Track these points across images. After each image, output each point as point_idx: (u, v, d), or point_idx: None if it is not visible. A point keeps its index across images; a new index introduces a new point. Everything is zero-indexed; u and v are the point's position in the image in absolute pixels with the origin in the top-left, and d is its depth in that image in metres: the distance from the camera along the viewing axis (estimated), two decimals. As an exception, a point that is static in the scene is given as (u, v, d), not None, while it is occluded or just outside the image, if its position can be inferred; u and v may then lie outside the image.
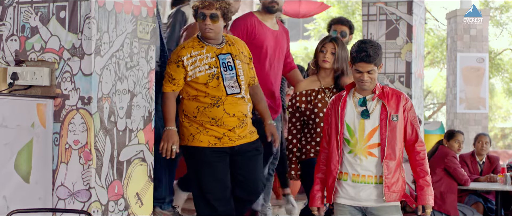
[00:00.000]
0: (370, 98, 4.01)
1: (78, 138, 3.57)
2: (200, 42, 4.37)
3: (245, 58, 4.49)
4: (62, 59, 3.61)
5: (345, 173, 4.02)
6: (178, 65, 4.29)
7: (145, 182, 3.94)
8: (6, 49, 3.73)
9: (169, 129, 4.27)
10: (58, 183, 3.60)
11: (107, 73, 3.65)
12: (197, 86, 4.30)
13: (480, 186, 7.15)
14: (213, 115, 4.26)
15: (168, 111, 4.30)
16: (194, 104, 4.31)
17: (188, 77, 4.29)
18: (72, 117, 3.58)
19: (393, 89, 4.11)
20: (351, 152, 4.00)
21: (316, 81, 4.72)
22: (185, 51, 4.32)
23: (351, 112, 4.02)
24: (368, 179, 3.97)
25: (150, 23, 3.97)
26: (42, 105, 3.56)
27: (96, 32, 3.57)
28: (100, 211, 3.59)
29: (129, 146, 3.81)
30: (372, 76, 3.95)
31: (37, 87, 3.67)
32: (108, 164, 3.65)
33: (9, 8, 3.73)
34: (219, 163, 4.31)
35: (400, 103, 4.01)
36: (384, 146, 3.94)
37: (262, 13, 5.18)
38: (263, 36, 5.04)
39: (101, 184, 3.60)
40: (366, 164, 3.97)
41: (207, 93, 4.29)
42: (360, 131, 3.98)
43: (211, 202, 4.28)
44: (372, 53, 3.89)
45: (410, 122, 4.04)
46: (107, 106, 3.65)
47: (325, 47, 4.70)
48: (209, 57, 4.32)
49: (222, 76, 4.30)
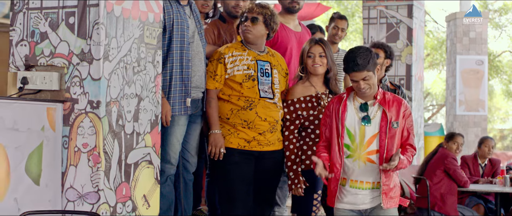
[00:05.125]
0: (371, 104, 3.98)
1: (87, 141, 3.64)
2: (242, 46, 4.54)
3: (282, 71, 4.64)
4: (71, 64, 3.68)
5: (343, 178, 3.99)
6: (220, 62, 4.47)
7: (152, 184, 4.01)
8: (16, 54, 3.81)
9: (214, 133, 4.43)
10: (67, 185, 3.68)
11: (115, 77, 3.72)
12: (233, 85, 4.45)
13: (480, 187, 7.23)
14: (245, 117, 4.40)
15: (213, 113, 4.45)
16: (228, 106, 4.46)
17: (226, 74, 4.45)
18: (81, 120, 3.65)
19: (394, 95, 4.06)
20: (350, 157, 3.96)
21: (310, 87, 4.56)
22: (228, 50, 4.50)
23: (352, 116, 3.97)
24: (366, 185, 3.95)
25: (156, 29, 4.05)
26: (52, 109, 3.63)
27: (105, 37, 3.65)
28: (109, 213, 3.66)
29: (136, 149, 3.88)
30: (369, 82, 3.90)
31: (47, 92, 3.74)
32: (116, 166, 3.73)
33: (19, 14, 3.80)
34: (245, 164, 4.44)
35: (401, 110, 3.97)
36: (383, 153, 3.90)
37: (283, 15, 5.13)
38: (287, 38, 5.07)
39: (109, 186, 3.67)
40: (364, 170, 3.94)
41: (241, 94, 4.43)
42: (360, 136, 3.94)
43: (235, 202, 4.39)
44: (361, 62, 3.83)
45: (407, 128, 4.01)
46: (115, 110, 3.72)
47: (312, 51, 4.54)
48: (249, 59, 4.49)
49: (258, 80, 4.46)
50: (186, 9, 4.44)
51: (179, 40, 4.30)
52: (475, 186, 7.27)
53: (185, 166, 4.47)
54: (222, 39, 4.95)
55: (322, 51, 4.54)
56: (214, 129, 4.43)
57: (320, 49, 4.54)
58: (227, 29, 5.01)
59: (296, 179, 4.45)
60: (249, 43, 4.54)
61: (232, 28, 5.03)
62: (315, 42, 4.56)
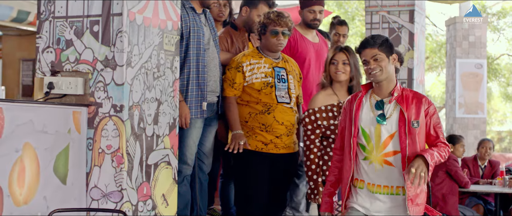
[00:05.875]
0: (387, 101, 3.69)
1: (111, 143, 3.84)
2: (259, 53, 4.71)
3: (297, 76, 4.83)
4: (95, 70, 3.88)
5: (361, 180, 3.73)
6: (239, 70, 4.64)
7: (170, 184, 4.22)
8: (42, 60, 4.01)
9: (236, 132, 4.59)
10: (91, 184, 3.88)
11: (137, 83, 3.93)
12: (251, 91, 4.63)
13: (480, 188, 7.43)
14: (263, 121, 4.59)
15: (233, 116, 4.62)
16: (246, 110, 4.64)
17: (245, 82, 4.62)
18: (105, 123, 3.86)
19: (415, 92, 3.76)
20: (367, 159, 3.69)
21: (333, 95, 4.49)
22: (245, 58, 4.68)
23: (367, 115, 3.71)
24: (384, 190, 3.67)
25: (174, 36, 4.25)
26: (78, 113, 3.83)
27: (128, 45, 3.85)
28: (131, 211, 3.87)
29: (156, 150, 4.09)
30: (381, 64, 3.64)
31: (71, 96, 3.94)
32: (138, 167, 3.93)
33: (45, 22, 4.01)
34: (262, 166, 4.62)
35: (422, 108, 3.66)
36: (405, 155, 3.60)
37: (303, 27, 5.31)
38: (305, 50, 5.24)
39: (131, 186, 3.87)
40: (381, 173, 3.65)
41: (259, 100, 4.61)
42: (376, 137, 3.66)
43: (251, 202, 4.59)
44: (376, 38, 3.66)
45: (434, 127, 3.69)
46: (137, 114, 3.92)
47: (336, 58, 4.48)
48: (266, 67, 4.66)
49: (275, 86, 4.63)
50: (202, 17, 4.65)
51: (195, 47, 4.51)
52: (476, 186, 7.47)
53: (200, 167, 4.68)
54: (235, 46, 5.14)
55: (346, 58, 4.48)
56: (236, 129, 4.60)
57: (344, 57, 4.48)
58: (239, 37, 5.20)
59: (315, 190, 4.45)
60: (272, 52, 4.70)
61: (244, 35, 5.23)
62: (340, 50, 4.50)
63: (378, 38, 3.68)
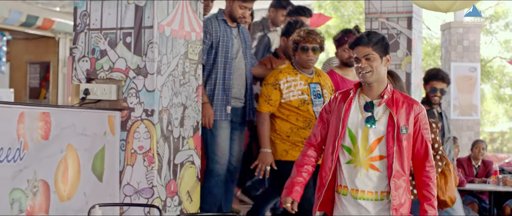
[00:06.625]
0: (377, 103, 3.52)
1: (143, 144, 4.21)
2: (294, 70, 4.91)
3: (330, 89, 5.04)
4: (128, 78, 4.25)
5: (344, 187, 3.55)
6: (275, 88, 4.83)
7: (194, 182, 4.59)
8: (78, 68, 4.38)
9: (265, 151, 4.80)
10: (124, 182, 4.25)
11: (166, 89, 4.30)
12: (289, 108, 4.83)
13: (475, 186, 7.81)
14: (305, 135, 4.81)
15: (264, 133, 4.81)
16: (287, 125, 4.84)
17: (282, 99, 4.83)
18: (137, 126, 4.23)
19: (406, 96, 3.58)
20: (351, 162, 3.52)
21: None
22: (282, 76, 4.85)
23: (355, 115, 3.53)
24: (368, 195, 3.50)
25: (198, 46, 4.63)
26: (112, 117, 4.20)
27: (158, 54, 4.22)
28: (161, 206, 4.24)
29: (182, 151, 4.46)
30: (372, 64, 3.46)
31: (105, 101, 4.31)
32: (166, 166, 4.30)
33: (81, 34, 4.37)
34: None
35: (412, 113, 3.49)
36: (391, 162, 3.43)
37: (341, 68, 5.43)
38: None
39: (161, 183, 4.25)
40: (366, 178, 3.49)
41: (298, 115, 4.82)
42: (363, 140, 3.48)
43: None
44: (371, 36, 3.47)
45: (421, 135, 3.51)
46: (166, 118, 4.30)
47: None
48: (302, 84, 4.86)
49: (312, 103, 4.83)
50: (234, 30, 5.08)
51: (223, 56, 4.92)
52: (471, 185, 7.86)
53: (228, 168, 5.06)
54: None
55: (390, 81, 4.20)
56: (265, 147, 4.82)
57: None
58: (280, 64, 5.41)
59: None
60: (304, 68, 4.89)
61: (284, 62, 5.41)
62: None
63: (374, 36, 3.49)
